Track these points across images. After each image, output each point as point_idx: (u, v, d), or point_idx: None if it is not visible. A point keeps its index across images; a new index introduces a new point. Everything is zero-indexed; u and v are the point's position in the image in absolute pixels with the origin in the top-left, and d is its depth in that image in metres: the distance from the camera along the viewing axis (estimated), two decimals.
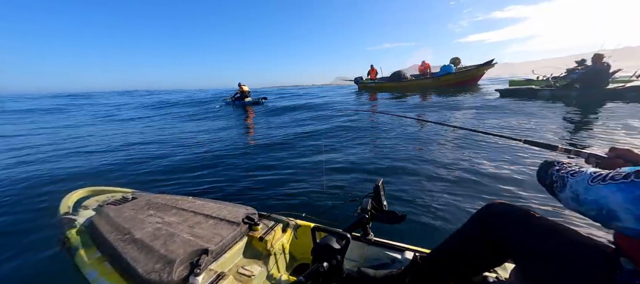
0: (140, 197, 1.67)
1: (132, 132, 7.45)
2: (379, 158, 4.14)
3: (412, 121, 5.25)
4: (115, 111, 13.94)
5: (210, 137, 6.02)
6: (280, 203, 2.89)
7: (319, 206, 2.74)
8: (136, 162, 4.21)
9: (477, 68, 10.64)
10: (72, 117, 11.78)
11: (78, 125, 9.26)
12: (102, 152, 5.03)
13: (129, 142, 5.85)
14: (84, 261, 1.15)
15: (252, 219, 1.32)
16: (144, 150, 5.06)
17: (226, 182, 3.34)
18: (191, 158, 4.36)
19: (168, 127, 8.00)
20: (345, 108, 9.05)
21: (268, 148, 4.76)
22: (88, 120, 10.78)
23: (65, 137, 6.82)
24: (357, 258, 1.22)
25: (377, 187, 1.24)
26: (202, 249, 1.06)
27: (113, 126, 8.94)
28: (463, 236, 0.95)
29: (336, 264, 0.89)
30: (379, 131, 5.41)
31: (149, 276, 0.95)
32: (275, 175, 3.55)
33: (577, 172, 0.69)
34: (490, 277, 0.98)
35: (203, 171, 3.72)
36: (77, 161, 4.49)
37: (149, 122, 9.51)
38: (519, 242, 0.82)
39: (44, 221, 2.41)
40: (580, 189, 0.65)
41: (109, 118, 11.19)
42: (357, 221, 1.16)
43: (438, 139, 4.28)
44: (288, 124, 7.31)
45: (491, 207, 0.90)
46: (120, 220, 1.31)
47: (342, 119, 6.96)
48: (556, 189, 0.72)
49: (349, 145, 4.71)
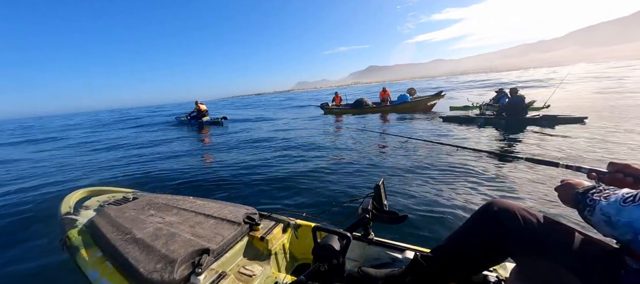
0: (141, 197, 1.67)
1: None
2: (380, 162, 4.20)
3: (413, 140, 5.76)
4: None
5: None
6: (281, 203, 2.90)
7: (319, 206, 2.75)
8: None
9: (429, 98, 11.75)
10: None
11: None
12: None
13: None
14: (86, 260, 1.16)
15: (253, 219, 1.33)
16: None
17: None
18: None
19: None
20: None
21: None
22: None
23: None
24: (358, 258, 1.22)
25: (377, 186, 1.24)
26: (203, 248, 1.06)
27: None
28: (463, 235, 0.95)
29: (337, 264, 0.89)
30: (382, 149, 5.71)
31: (150, 275, 0.95)
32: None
33: (609, 195, 0.66)
34: (490, 276, 0.99)
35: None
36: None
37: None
38: (519, 241, 0.82)
39: (45, 221, 2.41)
40: (612, 212, 0.62)
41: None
42: (358, 221, 1.16)
43: (434, 153, 4.75)
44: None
45: (491, 207, 0.90)
46: (121, 220, 1.31)
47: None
48: (588, 214, 0.69)
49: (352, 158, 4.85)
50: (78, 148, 9.01)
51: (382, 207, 1.23)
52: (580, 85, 14.69)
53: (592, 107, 7.86)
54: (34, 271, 1.84)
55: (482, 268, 0.95)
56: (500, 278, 0.99)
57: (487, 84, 24.63)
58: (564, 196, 0.81)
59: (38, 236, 2.26)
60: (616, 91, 11.75)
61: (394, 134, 5.92)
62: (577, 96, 11.37)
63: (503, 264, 1.04)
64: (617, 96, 10.16)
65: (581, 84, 15.46)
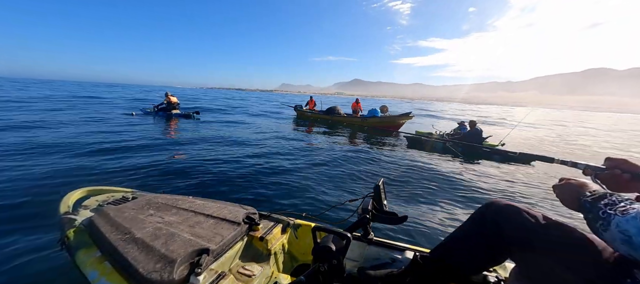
0: (140, 197, 1.67)
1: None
2: (381, 163, 4.22)
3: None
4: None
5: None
6: (281, 203, 2.90)
7: (319, 206, 2.76)
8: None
9: (398, 117, 11.91)
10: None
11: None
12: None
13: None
14: (84, 260, 1.15)
15: (253, 219, 1.32)
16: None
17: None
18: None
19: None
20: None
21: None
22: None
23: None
24: (358, 258, 1.22)
25: (377, 187, 1.24)
26: (203, 248, 1.06)
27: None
28: (463, 235, 0.95)
29: (337, 264, 0.89)
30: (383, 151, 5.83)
31: (149, 275, 0.95)
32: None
33: (626, 209, 0.59)
34: (490, 276, 0.99)
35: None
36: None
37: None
38: (519, 241, 0.82)
39: (44, 221, 2.41)
40: (633, 230, 0.55)
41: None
42: (358, 221, 1.16)
43: (431, 156, 5.24)
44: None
45: (491, 206, 0.90)
46: (120, 220, 1.31)
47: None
48: (601, 228, 0.62)
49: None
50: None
51: (381, 208, 1.23)
52: (535, 130, 15.47)
53: (542, 149, 8.79)
54: (33, 271, 1.84)
55: (482, 268, 0.95)
56: (500, 278, 0.99)
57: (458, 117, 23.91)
58: (565, 196, 0.76)
59: (38, 236, 2.26)
60: (564, 136, 13.10)
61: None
62: (531, 136, 12.51)
63: (503, 264, 1.04)
64: (564, 141, 11.41)
65: (535, 129, 16.24)
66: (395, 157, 5.60)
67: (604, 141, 12.50)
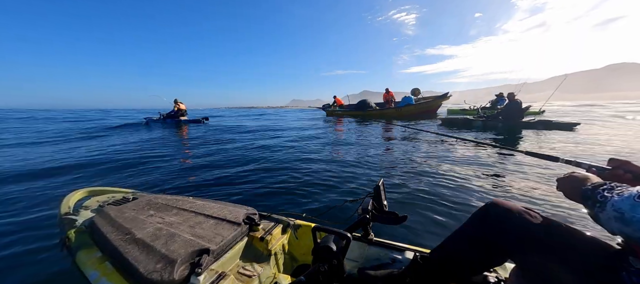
0: (141, 197, 1.67)
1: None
2: (382, 162, 4.23)
3: (423, 135, 5.98)
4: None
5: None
6: (281, 203, 2.90)
7: (319, 206, 2.76)
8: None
9: (434, 100, 11.27)
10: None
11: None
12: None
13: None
14: (85, 261, 1.15)
15: (253, 220, 1.33)
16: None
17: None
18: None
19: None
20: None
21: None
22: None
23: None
24: (358, 258, 1.22)
25: (377, 187, 1.24)
26: (203, 249, 1.06)
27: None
28: (463, 235, 0.95)
29: (337, 265, 0.89)
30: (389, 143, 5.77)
31: (150, 276, 0.95)
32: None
33: (622, 191, 0.64)
34: (490, 277, 0.99)
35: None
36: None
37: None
38: (519, 241, 0.82)
39: (44, 222, 2.41)
40: (626, 207, 0.60)
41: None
42: (358, 221, 1.16)
43: (438, 150, 4.97)
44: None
45: (491, 206, 0.90)
46: (121, 220, 1.31)
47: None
48: (598, 210, 0.67)
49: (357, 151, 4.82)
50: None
51: (382, 208, 1.23)
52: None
53: (580, 117, 8.53)
54: (34, 271, 1.84)
55: (483, 268, 0.95)
56: (500, 279, 0.99)
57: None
58: (568, 187, 0.78)
59: (38, 237, 2.26)
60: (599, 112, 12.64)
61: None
62: (566, 110, 12.27)
63: (503, 264, 1.04)
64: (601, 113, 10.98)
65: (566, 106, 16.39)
66: (396, 154, 5.52)
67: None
